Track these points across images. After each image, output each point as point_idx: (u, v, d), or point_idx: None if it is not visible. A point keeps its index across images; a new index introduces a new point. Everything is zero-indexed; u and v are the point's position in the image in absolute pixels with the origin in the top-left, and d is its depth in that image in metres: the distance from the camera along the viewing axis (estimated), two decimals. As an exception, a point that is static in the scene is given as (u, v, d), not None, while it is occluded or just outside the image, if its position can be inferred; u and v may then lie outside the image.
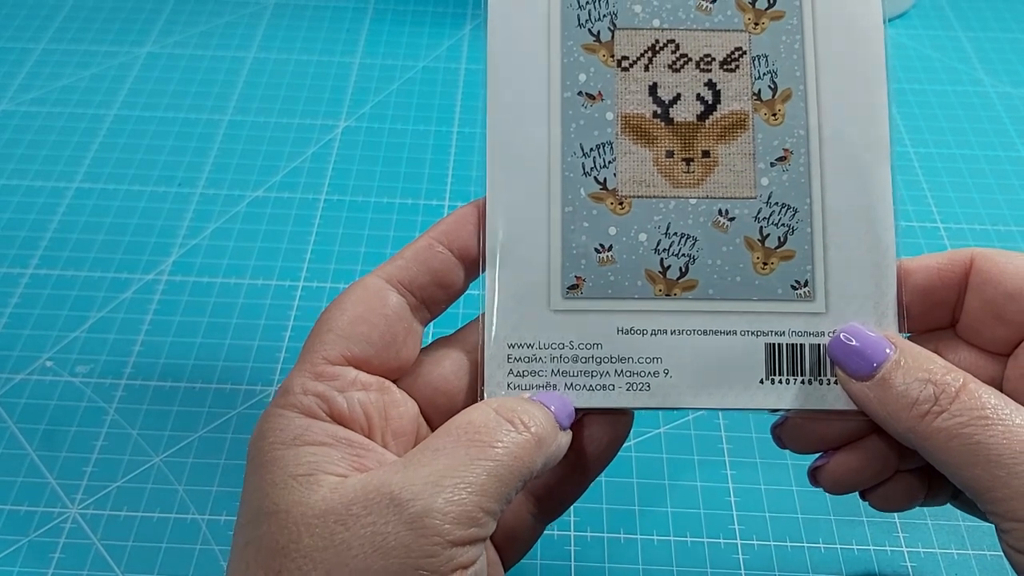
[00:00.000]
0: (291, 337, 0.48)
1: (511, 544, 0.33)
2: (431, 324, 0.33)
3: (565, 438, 0.30)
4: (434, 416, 0.32)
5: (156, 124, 0.60)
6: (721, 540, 0.40)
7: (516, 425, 0.28)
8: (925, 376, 0.29)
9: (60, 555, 0.39)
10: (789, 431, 0.34)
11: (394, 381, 0.31)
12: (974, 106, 0.64)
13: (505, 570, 0.32)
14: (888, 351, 0.30)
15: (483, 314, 0.32)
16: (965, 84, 0.66)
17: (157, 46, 0.66)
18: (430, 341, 0.33)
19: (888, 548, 0.40)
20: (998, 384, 0.32)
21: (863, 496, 0.34)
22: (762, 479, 0.42)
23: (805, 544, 0.40)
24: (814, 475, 0.34)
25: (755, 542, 0.40)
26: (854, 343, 0.31)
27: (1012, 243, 0.54)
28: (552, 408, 0.30)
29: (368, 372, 0.31)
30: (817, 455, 0.34)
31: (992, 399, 0.29)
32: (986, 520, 0.29)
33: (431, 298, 0.32)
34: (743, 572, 0.39)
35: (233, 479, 0.42)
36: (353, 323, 0.30)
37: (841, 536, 0.40)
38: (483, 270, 0.32)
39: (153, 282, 0.50)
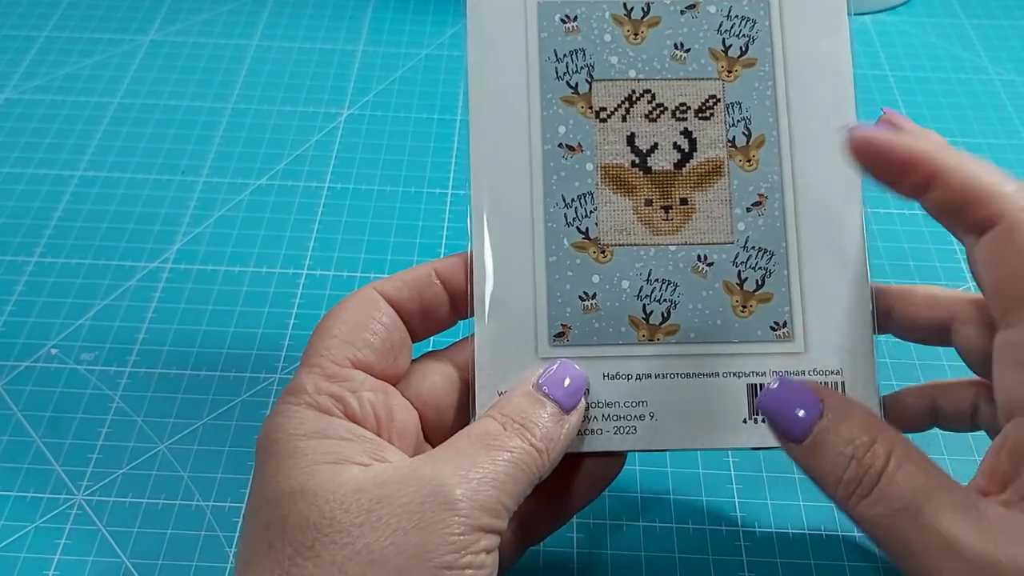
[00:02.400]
0: (295, 325, 0.48)
1: None
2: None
3: (574, 420, 0.31)
4: (424, 428, 0.33)
5: (160, 112, 0.60)
6: (723, 527, 0.40)
7: (524, 435, 0.30)
8: (849, 452, 0.28)
9: (66, 541, 0.39)
10: None
11: None
12: (978, 94, 0.64)
13: None
14: (816, 412, 0.29)
15: (472, 361, 0.33)
16: (969, 72, 0.66)
17: (160, 34, 0.66)
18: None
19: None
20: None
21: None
22: (764, 467, 0.42)
23: (807, 531, 0.40)
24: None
25: (757, 529, 0.40)
26: (784, 398, 0.30)
27: (1015, 231, 0.54)
28: (558, 399, 0.31)
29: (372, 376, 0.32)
30: None
31: (920, 477, 0.27)
32: None
33: (416, 325, 0.34)
34: (745, 559, 0.39)
35: (238, 466, 0.42)
36: (356, 329, 0.32)
37: (843, 523, 0.40)
38: (471, 316, 0.33)
39: (157, 270, 0.50)
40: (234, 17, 0.68)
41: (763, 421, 0.33)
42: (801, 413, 0.29)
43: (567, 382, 0.32)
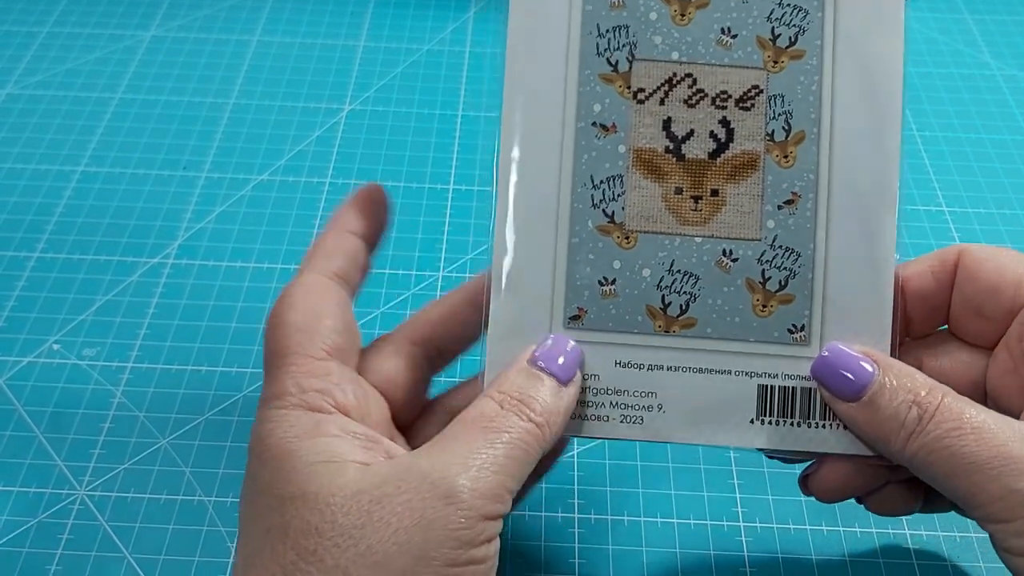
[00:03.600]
0: (296, 320, 0.48)
1: None
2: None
3: (572, 392, 0.31)
4: (392, 412, 0.33)
5: (161, 108, 0.60)
6: (724, 523, 0.40)
7: (522, 413, 0.29)
8: (910, 397, 0.30)
9: (68, 536, 0.39)
10: (818, 480, 0.33)
11: None
12: (980, 90, 0.64)
13: None
14: (872, 371, 0.31)
15: (486, 337, 0.32)
16: (971, 67, 0.66)
17: (161, 29, 0.66)
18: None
19: (891, 531, 0.40)
20: (983, 383, 0.33)
21: (859, 501, 0.35)
22: (765, 462, 0.42)
23: (808, 527, 0.40)
24: (804, 483, 0.34)
25: (758, 524, 0.40)
26: (834, 361, 0.31)
27: (1017, 226, 0.54)
28: (554, 372, 0.31)
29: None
30: (807, 463, 0.34)
31: (967, 410, 0.29)
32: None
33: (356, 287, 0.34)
34: (746, 554, 0.39)
35: (240, 461, 0.42)
36: (315, 318, 0.31)
37: (844, 519, 0.41)
38: (486, 299, 0.33)
39: (159, 266, 0.50)
40: (235, 13, 0.68)
41: (771, 423, 0.33)
42: (853, 375, 0.31)
43: (562, 356, 0.31)
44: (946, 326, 0.35)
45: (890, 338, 0.32)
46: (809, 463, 0.34)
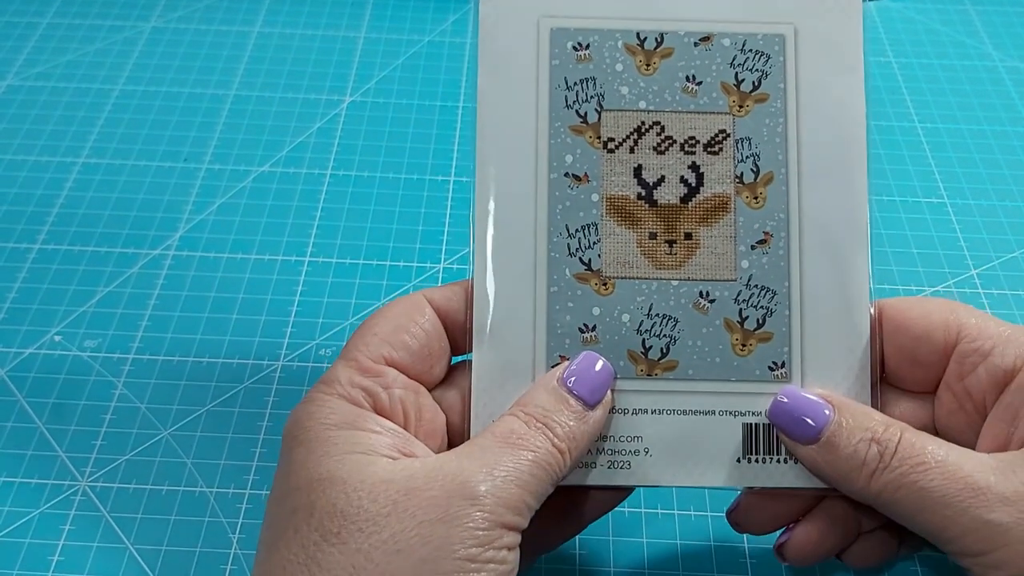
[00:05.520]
0: (297, 312, 0.48)
1: None
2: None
3: (599, 416, 0.31)
4: (448, 432, 0.33)
5: (161, 99, 0.60)
6: (724, 514, 0.40)
7: (546, 435, 0.30)
8: (868, 435, 0.30)
9: (70, 527, 0.39)
10: (743, 514, 0.34)
11: None
12: (982, 81, 0.64)
13: None
14: (827, 412, 0.31)
15: (470, 389, 0.33)
16: (973, 58, 0.66)
17: (162, 20, 0.66)
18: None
19: (891, 522, 0.40)
20: (932, 425, 0.33)
21: (841, 559, 0.35)
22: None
23: (808, 518, 0.40)
24: (780, 552, 0.34)
25: (759, 516, 0.40)
26: (791, 406, 0.32)
27: (1019, 218, 0.54)
28: (582, 394, 0.31)
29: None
30: (778, 532, 0.34)
31: (928, 444, 0.30)
32: None
33: (458, 334, 0.33)
34: (746, 546, 0.39)
35: (241, 453, 0.42)
36: (396, 331, 0.32)
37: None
38: (469, 348, 0.33)
39: (160, 257, 0.50)
40: (236, 4, 0.68)
41: (757, 461, 0.33)
42: (810, 418, 0.31)
43: (590, 376, 0.31)
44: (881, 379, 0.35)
45: (869, 372, 0.33)
46: (780, 532, 0.34)
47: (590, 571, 0.39)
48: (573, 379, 0.31)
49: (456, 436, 0.33)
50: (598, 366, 0.32)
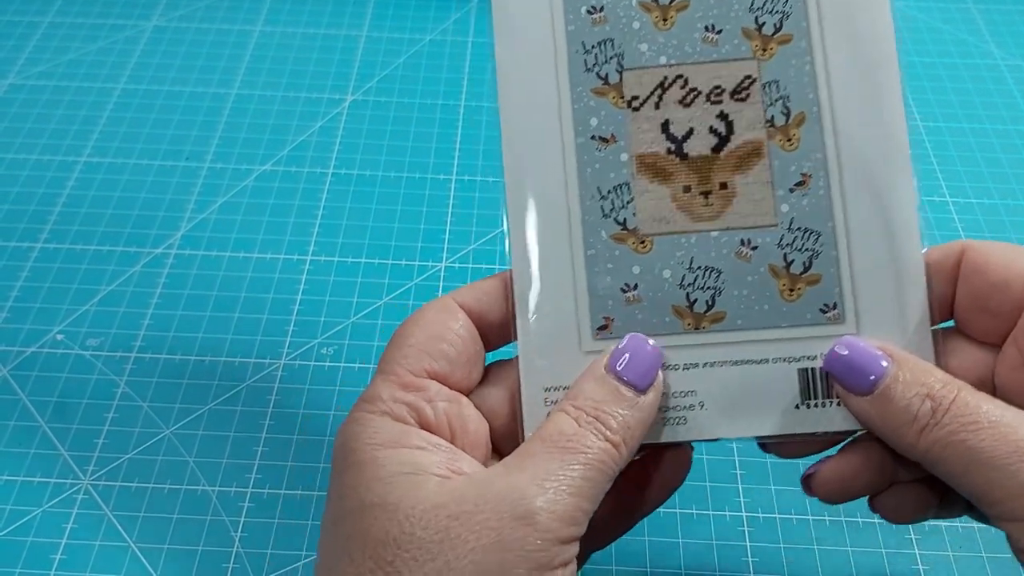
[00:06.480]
0: (299, 311, 0.48)
1: None
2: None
3: (651, 400, 0.31)
4: (492, 437, 0.33)
5: (163, 98, 0.60)
6: (727, 512, 0.40)
7: (598, 432, 0.29)
8: (924, 391, 0.30)
9: (73, 525, 0.39)
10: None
11: None
12: (984, 79, 0.64)
13: None
14: (885, 364, 0.30)
15: (518, 359, 0.32)
16: (975, 57, 0.65)
17: (163, 19, 0.66)
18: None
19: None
20: (991, 380, 0.32)
21: (872, 507, 0.34)
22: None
23: (810, 517, 0.40)
24: (807, 483, 0.33)
25: (760, 515, 0.40)
26: (850, 357, 0.31)
27: (1021, 216, 0.54)
28: (631, 380, 0.30)
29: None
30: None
31: (983, 404, 0.29)
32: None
33: (493, 335, 0.33)
34: (748, 544, 0.39)
35: (243, 451, 0.42)
36: (433, 339, 0.31)
37: (847, 509, 0.41)
38: (514, 336, 0.32)
39: (162, 256, 0.50)
40: (237, 2, 0.68)
41: (817, 406, 0.32)
42: (867, 369, 0.31)
43: (639, 359, 0.31)
44: (951, 322, 0.34)
45: (925, 302, 0.32)
46: (812, 464, 0.33)
47: (590, 571, 0.39)
48: (622, 365, 0.31)
49: (498, 436, 0.32)
50: (647, 347, 0.31)
